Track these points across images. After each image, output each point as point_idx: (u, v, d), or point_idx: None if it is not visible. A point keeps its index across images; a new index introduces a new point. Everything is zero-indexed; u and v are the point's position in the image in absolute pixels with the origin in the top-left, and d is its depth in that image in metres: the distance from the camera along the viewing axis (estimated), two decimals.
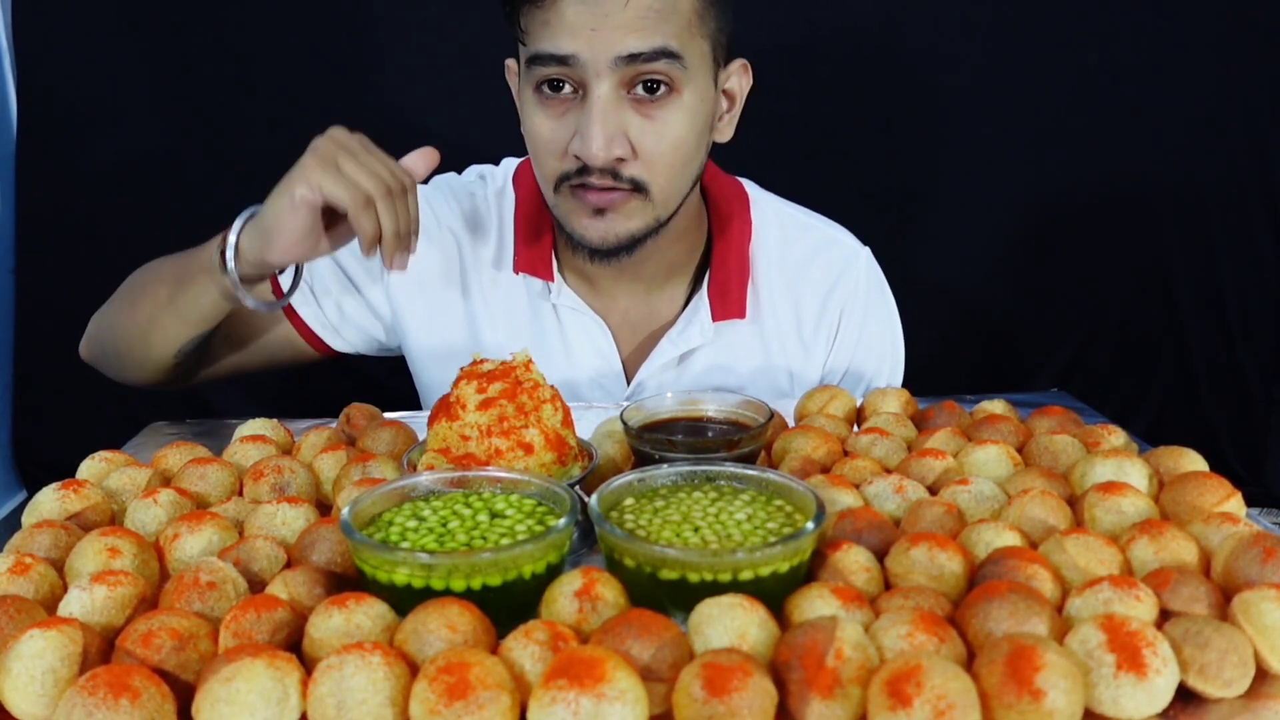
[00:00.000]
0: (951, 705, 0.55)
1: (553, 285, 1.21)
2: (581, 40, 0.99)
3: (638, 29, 0.99)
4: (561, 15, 0.99)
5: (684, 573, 0.67)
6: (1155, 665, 0.58)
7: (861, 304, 1.26)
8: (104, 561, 0.72)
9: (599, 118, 1.01)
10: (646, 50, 0.99)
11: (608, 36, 0.98)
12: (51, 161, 2.42)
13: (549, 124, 1.05)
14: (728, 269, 1.21)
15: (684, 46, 1.02)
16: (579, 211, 1.08)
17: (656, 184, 1.06)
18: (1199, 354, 2.65)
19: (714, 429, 0.99)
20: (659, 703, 0.59)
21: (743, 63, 1.14)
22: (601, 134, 1.01)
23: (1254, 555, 0.68)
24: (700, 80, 1.06)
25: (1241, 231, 2.58)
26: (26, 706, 0.59)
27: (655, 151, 1.04)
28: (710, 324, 1.21)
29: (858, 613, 0.65)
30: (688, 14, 1.02)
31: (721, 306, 1.21)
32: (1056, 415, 1.02)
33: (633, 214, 1.08)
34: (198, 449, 0.96)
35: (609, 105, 1.01)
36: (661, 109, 1.03)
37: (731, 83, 1.13)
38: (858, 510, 0.78)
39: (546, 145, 1.06)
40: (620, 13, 0.98)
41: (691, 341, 1.21)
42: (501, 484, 0.79)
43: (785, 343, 1.25)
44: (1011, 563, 0.68)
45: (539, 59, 1.02)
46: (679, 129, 1.05)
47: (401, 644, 0.62)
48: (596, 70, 1.00)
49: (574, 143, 1.03)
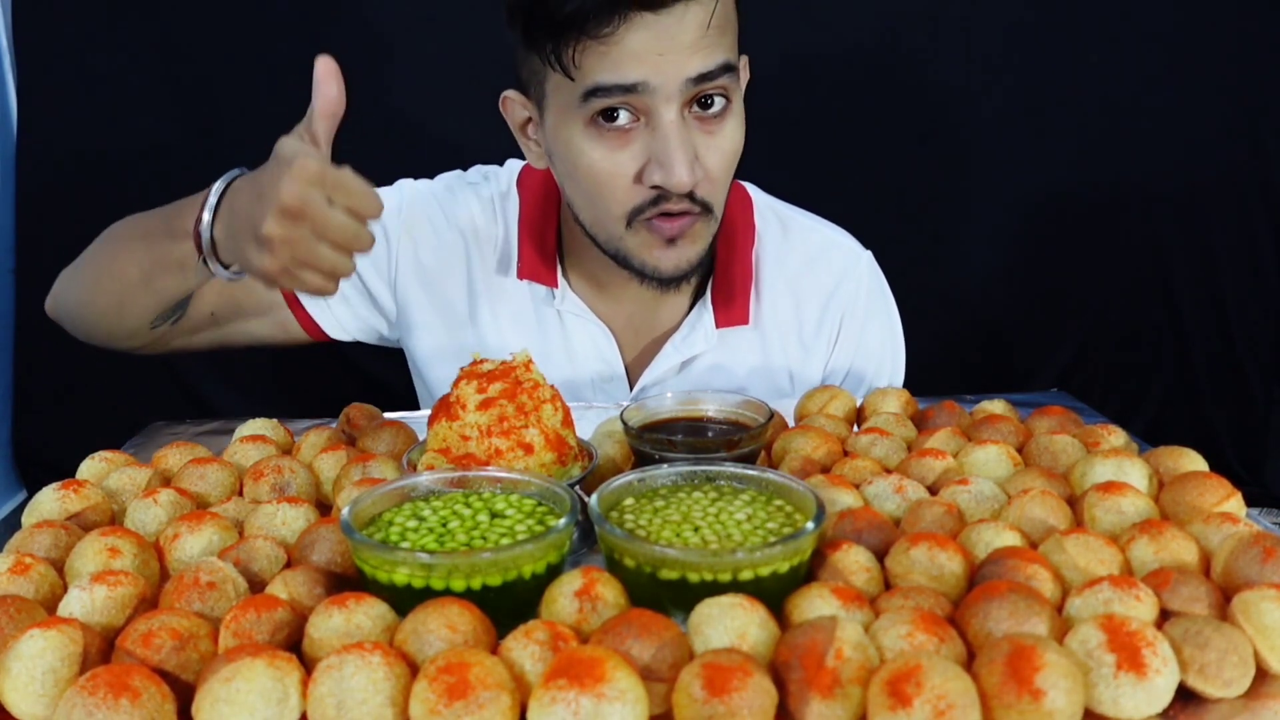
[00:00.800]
0: (951, 705, 0.54)
1: (556, 291, 1.20)
2: (649, 67, 0.95)
3: (703, 48, 0.97)
4: (624, 45, 0.95)
5: (684, 573, 0.67)
6: (1155, 665, 0.58)
7: (863, 307, 1.26)
8: (104, 561, 0.72)
9: (679, 143, 0.98)
10: (713, 68, 0.98)
11: (676, 60, 0.96)
12: (51, 161, 2.42)
13: (613, 157, 1.01)
14: (731, 276, 1.21)
15: (732, 51, 1.01)
16: (652, 244, 1.06)
17: (717, 200, 1.05)
18: (1199, 354, 2.65)
19: (714, 429, 0.99)
20: (659, 703, 0.59)
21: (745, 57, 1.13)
22: (684, 159, 0.98)
23: (1254, 555, 0.68)
24: (740, 80, 1.05)
25: (1241, 231, 2.58)
26: (26, 706, 0.59)
27: (718, 167, 1.03)
28: (714, 331, 1.20)
29: (858, 613, 0.65)
30: (735, 21, 1.01)
31: (725, 314, 1.20)
32: (1056, 415, 1.02)
33: (699, 236, 1.07)
34: (198, 449, 0.96)
35: (682, 129, 0.99)
36: (720, 123, 1.02)
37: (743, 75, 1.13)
38: (858, 510, 0.78)
39: (612, 179, 1.02)
40: (687, 35, 0.95)
41: (695, 348, 1.21)
42: (501, 484, 0.79)
43: (786, 346, 1.25)
44: (1011, 563, 0.68)
45: (600, 91, 0.97)
46: (734, 139, 1.04)
47: (401, 644, 0.62)
48: (666, 95, 0.97)
49: (650, 173, 1.00)
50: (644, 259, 1.07)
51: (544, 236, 1.20)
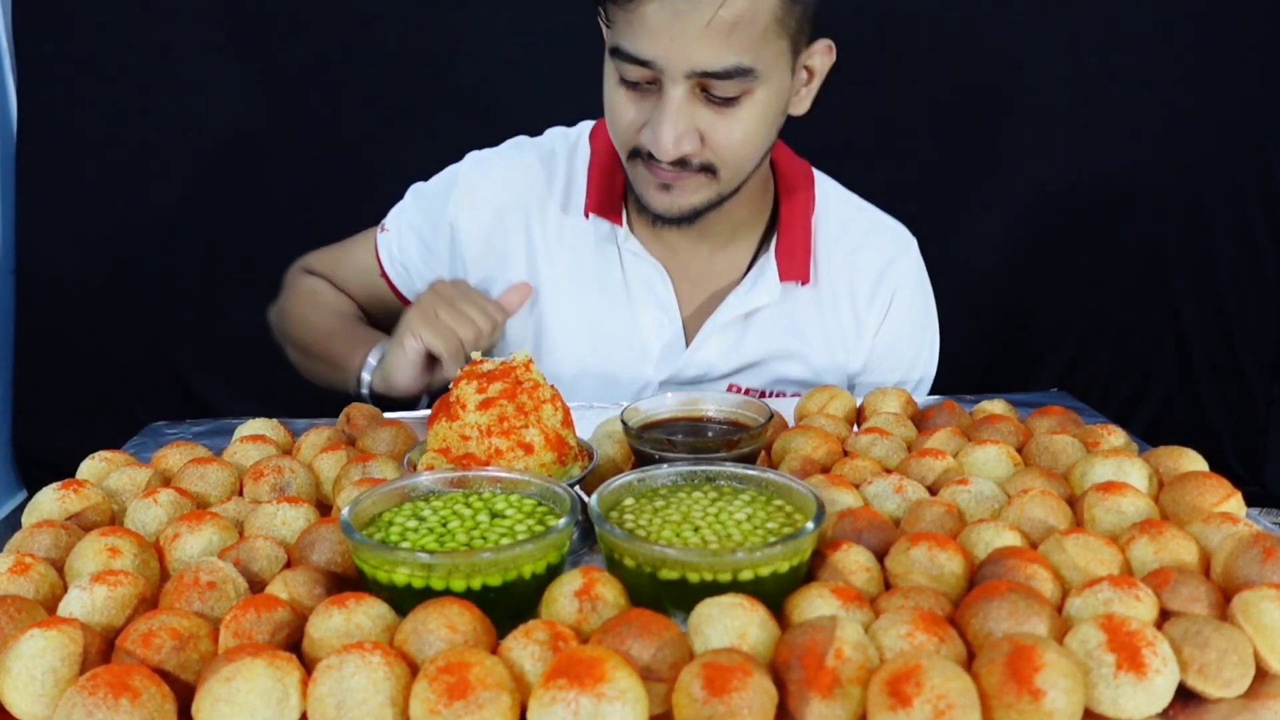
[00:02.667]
0: (951, 705, 0.54)
1: (620, 230, 1.24)
2: (661, 47, 1.00)
3: (713, 45, 1.00)
4: (644, 19, 1.00)
5: (684, 573, 0.67)
6: (1155, 665, 0.58)
7: (911, 288, 1.31)
8: (104, 561, 0.72)
9: (671, 118, 1.04)
10: (719, 69, 1.01)
11: (685, 47, 1.00)
12: (51, 161, 2.43)
13: (628, 105, 1.08)
14: (794, 234, 1.25)
15: (758, 57, 1.03)
16: (648, 181, 1.12)
17: (726, 168, 1.10)
18: (1199, 354, 2.65)
19: (714, 429, 0.99)
20: (659, 703, 0.59)
21: (827, 43, 1.14)
22: (671, 133, 1.04)
23: (1254, 555, 0.68)
24: (776, 76, 1.07)
25: (1241, 231, 2.58)
26: (26, 706, 0.59)
27: (725, 143, 1.07)
28: (777, 284, 1.24)
29: (858, 613, 0.65)
30: (767, 21, 1.02)
31: (789, 267, 1.24)
32: (1056, 415, 1.02)
33: (698, 189, 1.11)
34: (198, 449, 0.96)
35: (682, 105, 1.04)
36: (732, 108, 1.05)
37: (815, 60, 1.14)
38: (858, 510, 0.78)
39: (622, 121, 1.10)
40: (698, 23, 0.99)
41: (758, 300, 1.24)
42: (501, 484, 0.79)
43: (841, 315, 1.28)
44: (1011, 563, 0.68)
45: (618, 53, 1.04)
46: (750, 124, 1.07)
47: (401, 644, 0.62)
48: (673, 76, 1.02)
49: (645, 133, 1.07)
50: (641, 191, 1.15)
51: (612, 180, 1.25)
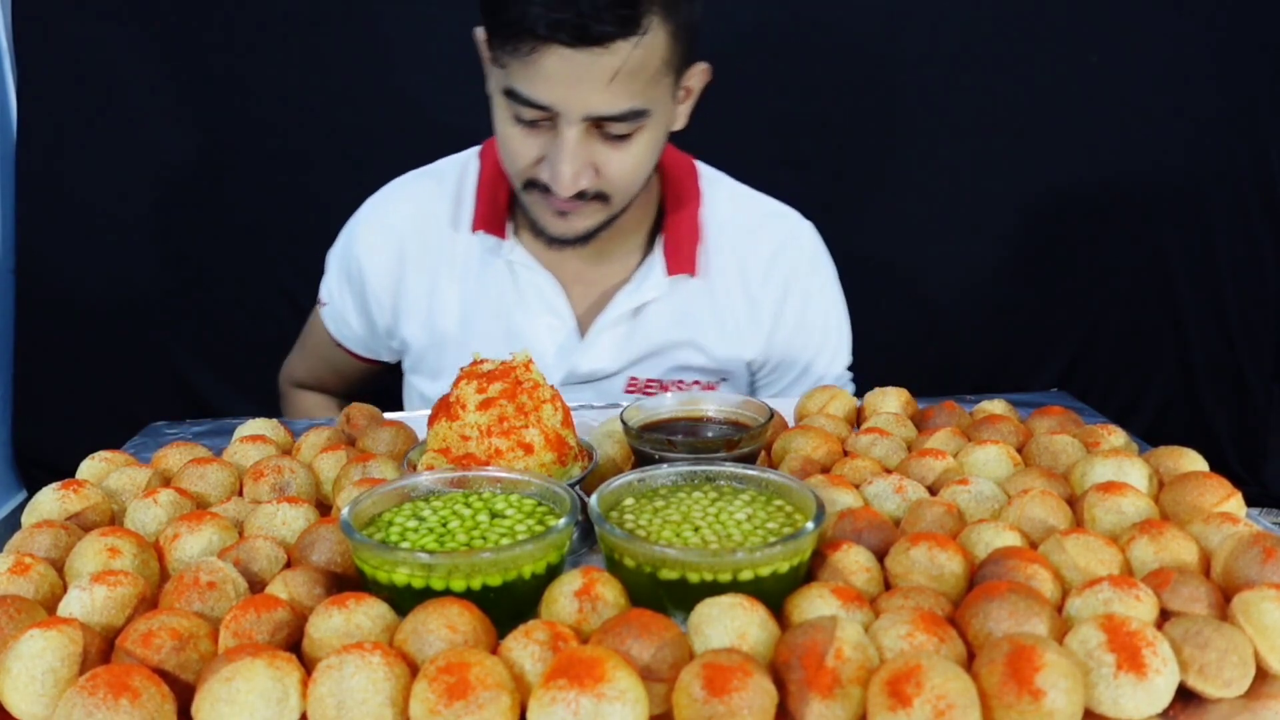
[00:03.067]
0: (951, 705, 0.54)
1: (505, 243, 1.28)
2: (558, 94, 1.04)
3: (611, 92, 1.04)
4: (541, 67, 1.03)
5: (684, 573, 0.67)
6: (1155, 665, 0.58)
7: (806, 271, 1.34)
8: (104, 561, 0.72)
9: (568, 158, 1.07)
10: (616, 113, 1.05)
11: (582, 94, 1.03)
12: (51, 161, 2.42)
13: (524, 142, 1.11)
14: (680, 231, 1.29)
15: (650, 98, 1.07)
16: (545, 209, 1.16)
17: (617, 194, 1.15)
18: (1199, 354, 2.65)
19: (714, 429, 0.99)
20: (659, 703, 0.59)
21: (704, 66, 1.18)
22: (569, 172, 1.08)
23: (1254, 555, 0.68)
24: (663, 108, 1.12)
25: (1241, 231, 2.58)
26: (26, 706, 0.59)
27: (619, 174, 1.12)
28: (664, 278, 1.28)
29: (858, 613, 0.65)
30: (658, 65, 1.06)
31: (675, 262, 1.28)
32: (1056, 415, 1.02)
33: (592, 214, 1.16)
34: (198, 449, 0.96)
35: (578, 145, 1.07)
36: (625, 142, 1.10)
37: (693, 81, 1.18)
38: (858, 510, 0.78)
39: (520, 159, 1.12)
40: (598, 76, 1.02)
41: (646, 295, 1.28)
42: (501, 484, 0.79)
43: (734, 302, 1.31)
44: (1011, 563, 0.68)
45: (514, 95, 1.06)
46: (641, 154, 1.12)
47: (401, 644, 0.62)
48: (569, 119, 1.06)
49: (543, 169, 1.10)
50: (538, 217, 1.18)
51: (496, 195, 1.29)
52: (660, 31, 1.04)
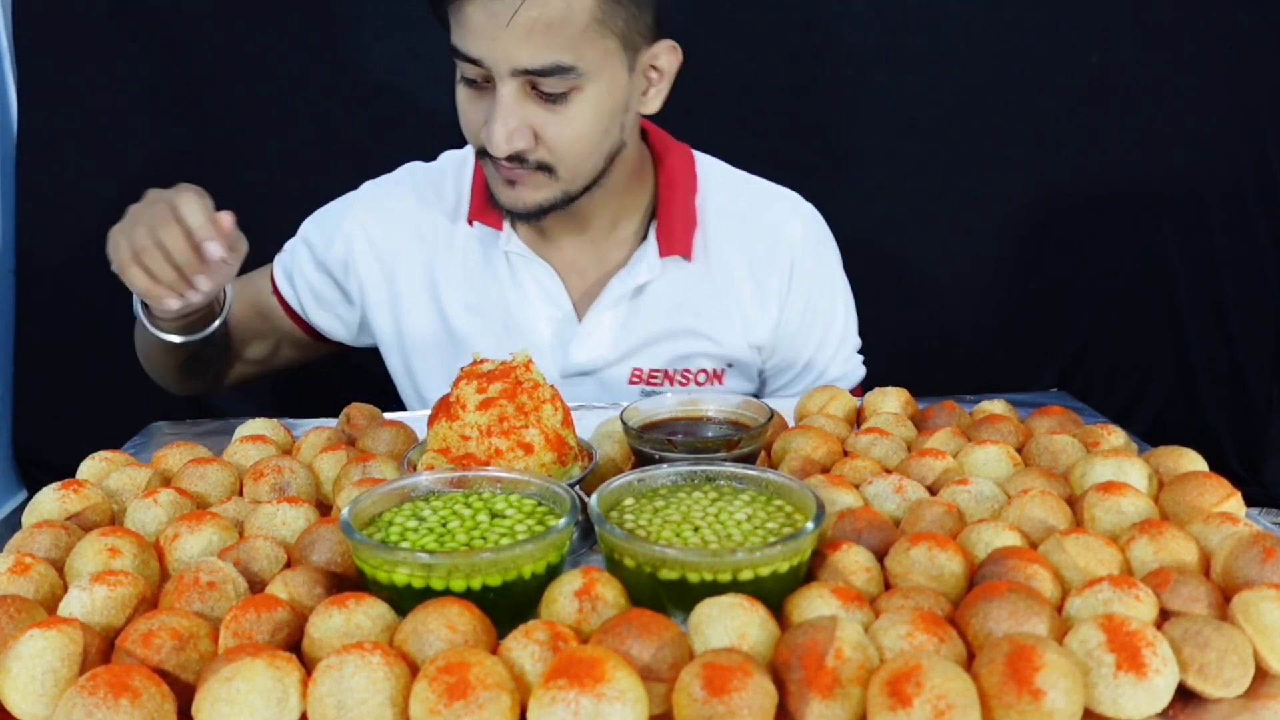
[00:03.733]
0: (951, 705, 0.54)
1: (502, 234, 1.28)
2: (485, 46, 1.06)
3: (531, 43, 1.05)
4: (466, 19, 1.06)
5: (684, 573, 0.67)
6: (1155, 665, 0.58)
7: (813, 252, 1.33)
8: (104, 561, 0.72)
9: (501, 115, 1.08)
10: (537, 67, 1.06)
11: (505, 45, 1.05)
12: (51, 161, 2.42)
13: (471, 104, 1.14)
14: (673, 215, 1.29)
15: (580, 55, 1.07)
16: (496, 179, 1.18)
17: (563, 165, 1.14)
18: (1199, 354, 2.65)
19: (714, 429, 0.99)
20: (659, 703, 0.59)
21: (670, 44, 1.18)
22: (502, 130, 1.09)
23: (1254, 555, 0.68)
24: (608, 73, 1.11)
25: (1241, 231, 2.58)
26: (26, 706, 0.59)
27: (559, 140, 1.11)
28: (658, 260, 1.27)
29: (858, 613, 0.65)
30: (584, 22, 1.06)
31: (668, 244, 1.27)
32: (1056, 415, 1.02)
33: (539, 187, 1.16)
34: (198, 449, 0.96)
35: (512, 103, 1.08)
36: (564, 105, 1.10)
37: (661, 61, 1.18)
38: (858, 510, 0.78)
39: (467, 119, 1.15)
40: (517, 25, 1.04)
41: (640, 277, 1.27)
42: (501, 484, 0.79)
43: (737, 283, 1.31)
44: (1011, 563, 0.68)
45: (456, 52, 1.09)
46: (583, 121, 1.11)
47: (401, 644, 0.62)
48: (500, 74, 1.07)
49: (483, 130, 1.11)
50: (492, 188, 1.20)
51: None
52: None
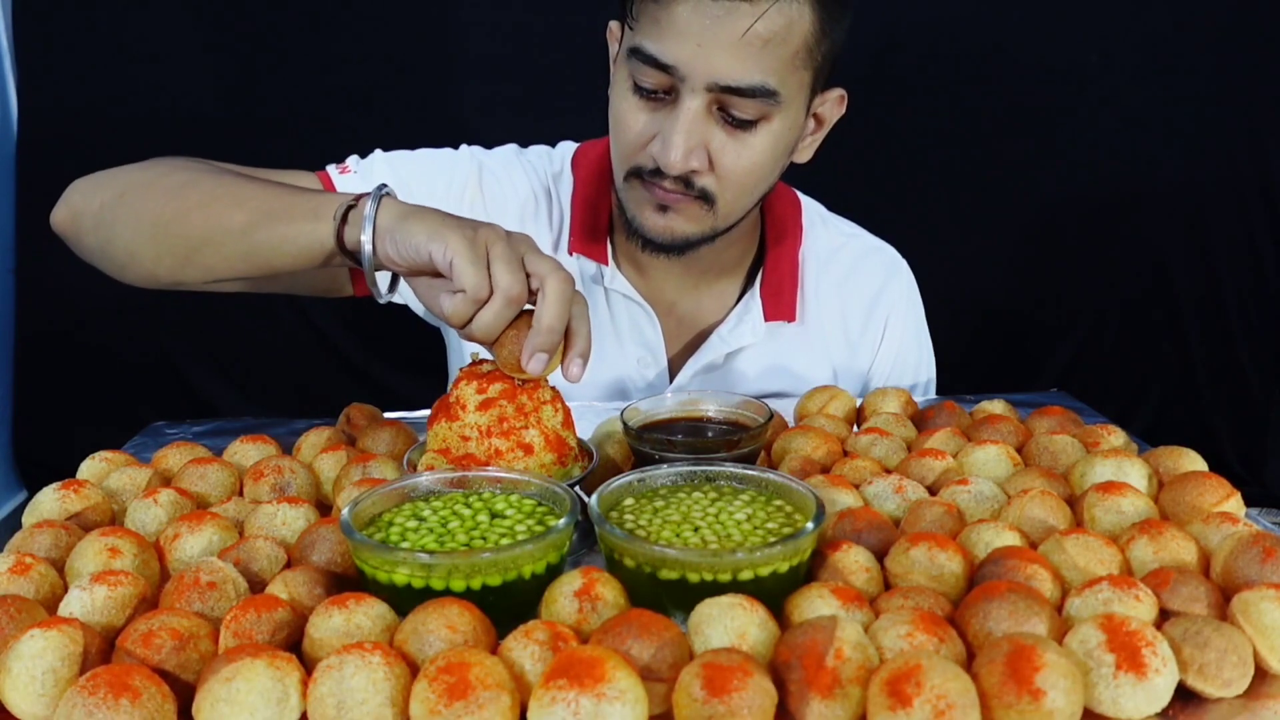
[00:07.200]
0: (951, 705, 0.54)
1: (607, 270, 1.21)
2: (687, 52, 0.97)
3: (742, 58, 0.97)
4: (673, 20, 0.97)
5: (684, 573, 0.67)
6: (1155, 665, 0.58)
7: (904, 309, 1.31)
8: (104, 561, 0.72)
9: (684, 129, 1.00)
10: (744, 86, 0.98)
11: (711, 56, 0.97)
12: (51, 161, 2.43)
13: (638, 116, 1.04)
14: (780, 272, 1.23)
15: (783, 81, 1.00)
16: (644, 203, 1.08)
17: (725, 198, 1.06)
18: (1199, 354, 2.65)
19: (714, 429, 0.99)
20: (659, 703, 0.59)
21: (840, 93, 1.12)
22: (683, 146, 1.00)
23: (1253, 555, 0.68)
24: (794, 107, 1.04)
25: (1241, 231, 2.58)
26: (26, 706, 0.59)
27: (732, 170, 1.04)
28: (762, 324, 1.22)
29: (858, 613, 0.65)
30: (798, 45, 0.99)
31: (774, 307, 1.22)
32: (1056, 415, 1.02)
33: (694, 218, 1.08)
34: (198, 449, 0.96)
35: (696, 118, 1.00)
36: (749, 132, 1.03)
37: (825, 109, 1.12)
38: (858, 510, 0.78)
39: (630, 131, 1.05)
40: (731, 36, 0.96)
41: (742, 340, 1.22)
42: (501, 484, 0.79)
43: (830, 345, 1.27)
44: (1011, 563, 0.68)
45: (639, 54, 1.00)
46: (760, 153, 1.04)
47: (401, 644, 0.62)
48: (692, 86, 0.99)
49: (654, 145, 1.03)
50: (634, 214, 1.10)
51: (597, 214, 1.21)
52: (806, 4, 0.98)
